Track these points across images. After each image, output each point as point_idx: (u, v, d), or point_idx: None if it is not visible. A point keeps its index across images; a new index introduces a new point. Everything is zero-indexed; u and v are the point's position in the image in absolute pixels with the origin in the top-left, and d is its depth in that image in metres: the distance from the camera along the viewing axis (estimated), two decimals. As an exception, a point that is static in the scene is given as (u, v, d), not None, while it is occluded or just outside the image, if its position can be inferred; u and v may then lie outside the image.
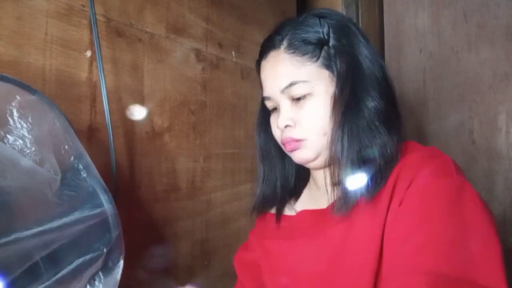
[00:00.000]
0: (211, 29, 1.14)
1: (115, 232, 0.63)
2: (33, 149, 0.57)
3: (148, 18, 0.96)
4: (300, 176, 0.85)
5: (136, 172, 0.93)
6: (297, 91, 0.69)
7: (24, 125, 0.57)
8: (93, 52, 0.83)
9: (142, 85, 0.95)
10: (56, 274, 0.55)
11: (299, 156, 0.73)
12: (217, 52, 1.16)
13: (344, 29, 0.72)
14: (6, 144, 0.55)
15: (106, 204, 0.63)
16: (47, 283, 0.53)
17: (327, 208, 0.73)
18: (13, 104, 0.57)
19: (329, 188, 0.73)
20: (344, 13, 1.55)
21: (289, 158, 0.80)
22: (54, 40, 0.77)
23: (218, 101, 1.16)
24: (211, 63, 1.14)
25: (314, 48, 0.70)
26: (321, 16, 0.73)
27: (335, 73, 0.69)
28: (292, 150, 0.73)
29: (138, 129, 0.94)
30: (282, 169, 0.83)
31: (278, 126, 0.72)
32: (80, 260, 0.58)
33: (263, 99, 0.79)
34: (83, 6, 0.81)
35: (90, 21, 0.81)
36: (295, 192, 0.84)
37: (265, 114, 0.82)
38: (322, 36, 0.71)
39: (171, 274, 0.97)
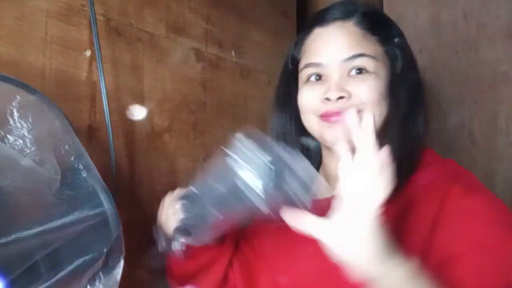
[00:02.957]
0: (211, 29, 1.14)
1: (115, 232, 0.63)
2: (33, 149, 0.57)
3: (148, 18, 0.96)
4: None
5: (136, 172, 0.93)
6: (363, 63, 0.68)
7: (24, 125, 0.57)
8: (93, 52, 0.83)
9: (142, 85, 0.95)
10: (56, 274, 0.55)
11: (342, 132, 0.68)
12: (217, 52, 1.16)
13: (403, 35, 0.75)
14: (6, 144, 0.55)
15: (106, 204, 0.63)
16: (47, 283, 0.53)
17: (330, 198, 0.72)
18: (13, 104, 0.57)
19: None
20: (344, 13, 1.55)
21: (308, 143, 0.77)
22: (54, 40, 0.77)
23: (218, 101, 1.16)
24: (211, 63, 1.14)
25: (384, 34, 0.71)
26: (384, 14, 0.77)
27: (398, 64, 0.71)
28: (338, 122, 0.68)
29: (138, 129, 0.94)
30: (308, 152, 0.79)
31: (329, 97, 0.68)
32: (80, 260, 0.58)
33: (295, 69, 0.76)
34: (83, 6, 0.81)
35: (89, 21, 0.81)
36: None
37: (288, 88, 0.78)
38: (391, 28, 0.73)
39: (171, 274, 0.97)
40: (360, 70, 0.68)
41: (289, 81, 0.77)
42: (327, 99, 0.68)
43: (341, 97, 0.67)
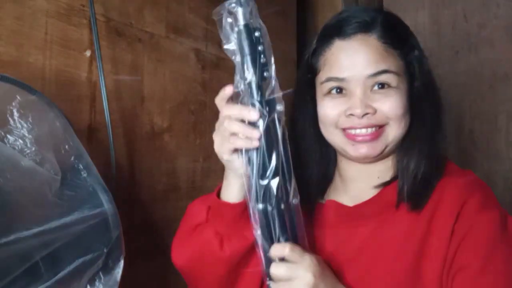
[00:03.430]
0: (211, 29, 1.14)
1: (115, 232, 0.63)
2: (33, 149, 0.57)
3: (148, 18, 0.96)
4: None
5: (136, 172, 0.93)
6: (386, 79, 0.68)
7: (24, 125, 0.57)
8: (93, 52, 0.82)
9: (142, 85, 0.95)
10: (56, 274, 0.55)
11: (366, 151, 0.69)
12: (217, 52, 1.16)
13: (418, 41, 0.76)
14: (6, 144, 0.55)
15: (106, 204, 0.63)
16: (47, 283, 0.53)
17: (356, 206, 0.73)
18: (13, 104, 0.57)
19: (362, 183, 0.73)
20: (344, 13, 1.55)
21: (327, 149, 0.77)
22: (54, 40, 0.77)
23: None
24: (211, 63, 1.14)
25: (404, 47, 0.71)
26: (403, 22, 0.76)
27: (417, 76, 0.72)
28: (364, 142, 0.69)
29: (138, 129, 0.94)
30: (320, 160, 0.79)
31: (354, 113, 0.68)
32: (80, 260, 0.58)
33: (312, 79, 0.75)
34: (83, 6, 0.81)
35: (90, 21, 0.81)
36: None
37: (305, 96, 0.77)
38: (410, 40, 0.74)
39: (171, 274, 0.97)
40: (383, 85, 0.69)
41: (307, 89, 0.77)
42: (352, 115, 0.69)
43: (368, 113, 0.68)
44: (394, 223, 0.68)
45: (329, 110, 0.72)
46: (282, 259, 0.59)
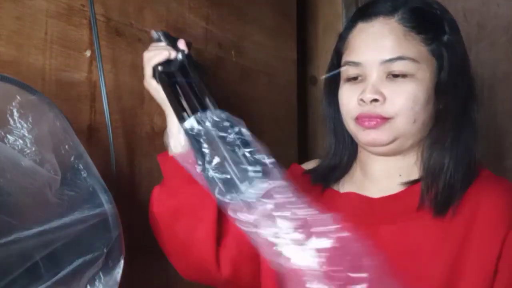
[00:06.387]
0: (211, 29, 1.14)
1: (115, 232, 0.63)
2: (33, 149, 0.57)
3: (148, 18, 0.96)
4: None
5: (136, 172, 0.93)
6: (401, 67, 0.64)
7: (24, 125, 0.57)
8: (93, 52, 0.82)
9: (142, 85, 0.95)
10: (56, 274, 0.55)
11: (373, 137, 0.66)
12: (217, 52, 1.16)
13: (457, 28, 0.71)
14: (6, 144, 0.55)
15: (106, 204, 0.63)
16: (47, 283, 0.53)
17: (382, 199, 0.68)
18: (13, 104, 0.57)
19: (386, 180, 0.70)
20: (344, 13, 1.55)
21: (350, 140, 0.75)
22: (54, 40, 0.77)
23: (218, 101, 1.16)
24: (211, 63, 1.14)
25: (431, 32, 0.67)
26: (437, 6, 0.71)
27: (445, 64, 0.67)
28: (370, 128, 0.65)
29: (138, 129, 0.94)
30: (350, 144, 0.76)
31: (363, 98, 0.65)
32: (80, 260, 0.58)
33: (338, 64, 0.72)
34: (83, 6, 0.81)
35: (90, 21, 0.81)
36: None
37: (333, 82, 0.74)
38: (440, 24, 0.68)
39: (171, 274, 0.97)
40: (399, 74, 0.65)
41: (334, 75, 0.74)
42: (362, 100, 0.66)
43: (375, 100, 0.64)
44: (420, 227, 0.64)
45: (345, 98, 0.69)
46: None
